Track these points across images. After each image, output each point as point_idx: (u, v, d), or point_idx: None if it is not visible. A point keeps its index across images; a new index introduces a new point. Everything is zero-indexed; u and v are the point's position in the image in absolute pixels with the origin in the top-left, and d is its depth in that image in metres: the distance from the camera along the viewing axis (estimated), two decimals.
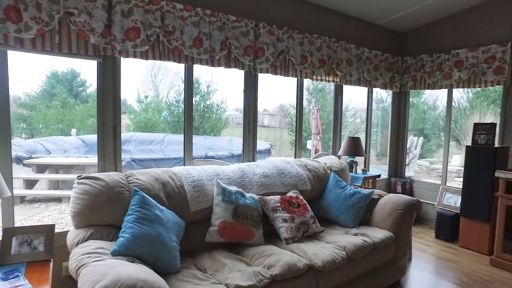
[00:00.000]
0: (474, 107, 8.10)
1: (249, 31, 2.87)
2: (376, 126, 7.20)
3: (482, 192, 3.42)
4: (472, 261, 3.29)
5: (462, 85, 3.80)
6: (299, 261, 2.01)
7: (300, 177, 2.90)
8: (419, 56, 4.20)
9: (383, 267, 2.57)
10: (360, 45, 3.86)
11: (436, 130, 8.63)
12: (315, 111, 7.40)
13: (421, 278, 2.95)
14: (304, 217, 2.51)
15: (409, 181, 4.52)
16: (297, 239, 2.38)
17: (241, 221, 2.26)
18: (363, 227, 2.70)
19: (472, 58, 3.66)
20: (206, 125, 8.42)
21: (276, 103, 9.78)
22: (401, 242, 2.67)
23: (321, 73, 3.43)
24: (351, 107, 8.93)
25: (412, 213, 2.71)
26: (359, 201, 2.77)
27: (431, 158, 8.54)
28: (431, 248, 3.60)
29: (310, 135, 7.75)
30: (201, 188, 2.34)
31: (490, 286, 2.83)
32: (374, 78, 4.02)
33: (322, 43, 3.41)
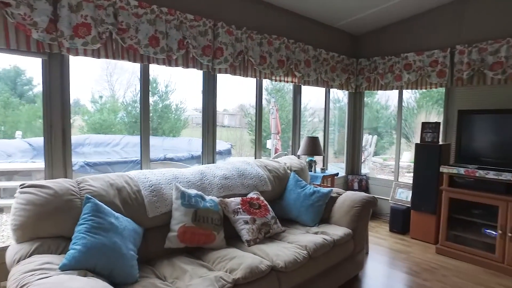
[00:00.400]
0: (421, 106, 8.67)
1: (208, 30, 2.82)
2: (333, 125, 7.45)
3: (429, 187, 3.67)
4: (421, 251, 3.51)
5: (411, 86, 4.03)
6: (261, 263, 2.01)
7: (261, 178, 2.91)
8: (372, 58, 4.40)
9: (343, 263, 2.66)
10: (318, 46, 3.96)
11: (388, 128, 9.11)
12: (274, 111, 7.50)
13: (377, 270, 3.10)
14: (265, 218, 2.52)
15: (365, 178, 4.72)
16: (259, 240, 2.38)
17: (202, 225, 2.21)
18: (323, 225, 2.77)
19: (419, 62, 3.90)
20: (164, 125, 8.18)
21: (236, 103, 9.76)
22: (358, 238, 2.78)
23: (280, 74, 3.47)
24: (310, 107, 9.16)
25: (368, 210, 2.83)
26: (318, 200, 2.84)
27: (384, 155, 9.01)
28: (386, 241, 3.78)
29: (270, 134, 7.84)
30: (159, 192, 2.26)
31: (436, 272, 3.05)
32: (331, 79, 4.14)
33: (280, 44, 3.44)
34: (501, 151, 3.26)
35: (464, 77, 3.54)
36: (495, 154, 3.30)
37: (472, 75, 3.52)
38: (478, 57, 3.46)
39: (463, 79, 3.55)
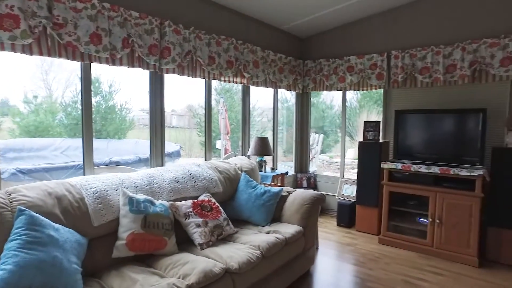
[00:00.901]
0: (362, 106, 9.23)
1: (154, 29, 2.72)
2: (282, 124, 7.64)
3: (372, 182, 3.92)
4: (366, 242, 3.75)
5: (354, 87, 4.27)
6: (215, 266, 1.99)
7: (212, 179, 2.88)
8: (318, 60, 4.58)
9: (295, 260, 2.73)
10: (266, 47, 4.02)
11: (333, 127, 9.56)
12: (223, 111, 7.46)
13: (327, 264, 3.24)
14: (217, 220, 2.50)
15: (313, 176, 4.91)
16: (211, 243, 2.36)
17: (152, 231, 2.13)
18: (275, 224, 2.83)
19: (360, 64, 4.15)
20: (109, 127, 7.72)
21: (185, 103, 9.53)
22: (309, 234, 2.88)
23: (229, 75, 3.46)
24: (258, 107, 9.28)
25: (317, 206, 2.94)
26: (269, 199, 2.89)
27: (330, 152, 9.44)
28: (334, 236, 3.97)
29: (219, 135, 7.79)
30: (105, 199, 2.13)
31: (379, 261, 3.27)
32: (279, 80, 4.23)
33: (229, 45, 3.44)
34: (430, 147, 3.60)
35: (399, 80, 3.85)
36: (426, 149, 3.63)
37: (406, 78, 3.84)
38: (410, 62, 3.78)
39: (398, 81, 3.86)
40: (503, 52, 3.27)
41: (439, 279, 2.92)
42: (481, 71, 3.41)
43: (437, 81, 3.62)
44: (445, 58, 3.57)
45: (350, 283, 2.86)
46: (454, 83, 3.55)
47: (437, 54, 3.61)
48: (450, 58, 3.55)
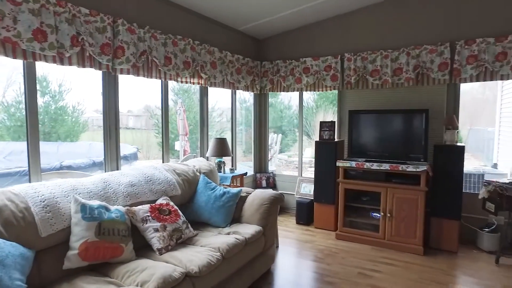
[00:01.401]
0: (319, 106, 9.54)
1: (106, 27, 2.60)
2: (241, 124, 7.67)
3: (328, 180, 4.07)
4: (324, 238, 3.88)
5: (310, 88, 4.41)
6: (174, 271, 1.95)
7: (170, 182, 2.82)
8: (275, 62, 4.66)
9: (255, 259, 2.76)
10: (223, 48, 4.01)
11: (291, 127, 9.76)
12: (181, 112, 7.32)
13: (287, 261, 3.31)
14: (176, 223, 2.45)
15: (272, 175, 4.99)
16: (170, 247, 2.31)
17: (107, 238, 2.04)
18: (235, 225, 2.84)
19: (315, 66, 4.29)
20: (60, 129, 7.23)
21: (142, 104, 9.21)
22: (269, 234, 2.92)
23: (186, 75, 3.41)
24: (218, 107, 9.23)
25: (276, 206, 2.99)
26: (229, 201, 2.89)
27: (289, 152, 9.64)
28: (294, 233, 4.07)
29: (178, 136, 7.63)
30: (54, 207, 2.01)
31: (336, 256, 3.40)
32: (237, 81, 4.25)
33: (186, 45, 3.39)
34: (381, 145, 3.82)
35: (352, 81, 4.03)
36: (377, 148, 3.84)
37: (358, 80, 4.04)
38: (361, 64, 3.97)
39: (351, 83, 4.04)
40: (440, 58, 3.56)
41: (390, 269, 3.11)
42: (423, 75, 3.69)
43: (386, 83, 3.85)
44: (393, 61, 3.80)
45: (309, 279, 2.95)
46: (401, 85, 3.80)
47: (386, 57, 3.84)
48: (397, 62, 3.79)
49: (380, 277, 2.94)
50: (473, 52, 3.41)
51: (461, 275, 3.01)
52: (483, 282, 2.88)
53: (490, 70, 3.37)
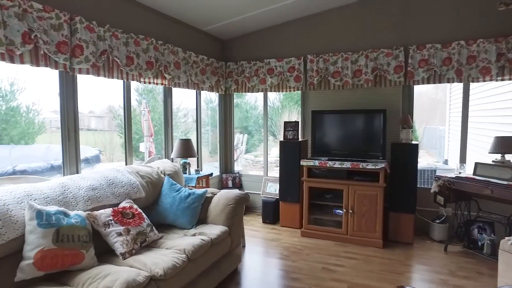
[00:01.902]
0: (284, 106, 9.69)
1: (63, 24, 2.49)
2: (207, 125, 7.63)
3: (293, 179, 4.16)
4: (290, 236, 3.97)
5: (274, 89, 4.48)
6: (138, 275, 1.92)
7: (133, 185, 2.76)
8: (240, 62, 4.69)
9: (222, 259, 2.77)
10: (187, 49, 3.98)
11: (257, 127, 9.85)
12: (146, 113, 7.14)
13: (254, 260, 3.35)
14: (140, 226, 2.41)
15: (238, 176, 5.01)
16: (135, 251, 2.26)
17: (66, 245, 1.96)
18: (201, 226, 2.83)
19: (279, 67, 4.37)
20: (12, 131, 6.78)
21: (105, 104, 8.85)
22: (235, 234, 2.94)
23: (149, 76, 3.34)
24: (183, 107, 9.10)
25: (242, 206, 3.02)
26: (194, 202, 2.87)
27: (255, 152, 9.71)
28: (260, 232, 4.12)
29: (142, 137, 7.43)
30: (5, 215, 1.89)
31: (301, 252, 3.50)
32: (202, 81, 4.23)
33: (148, 45, 3.32)
34: (343, 144, 3.97)
35: (315, 82, 4.16)
36: (339, 147, 3.99)
37: (320, 81, 4.17)
38: (323, 66, 4.11)
39: (314, 84, 4.17)
40: (395, 61, 3.77)
41: (352, 263, 3.25)
42: (381, 77, 3.88)
43: (347, 84, 4.01)
44: (353, 63, 3.97)
45: (275, 277, 3.01)
46: (361, 86, 3.97)
47: (346, 59, 4.00)
48: (357, 64, 3.96)
49: (343, 271, 3.07)
50: (424, 56, 3.65)
51: (415, 264, 3.22)
52: (434, 269, 3.10)
53: (439, 74, 3.63)
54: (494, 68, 3.37)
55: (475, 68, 3.47)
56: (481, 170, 3.24)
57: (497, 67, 3.37)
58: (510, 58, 3.33)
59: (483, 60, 3.42)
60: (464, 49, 3.50)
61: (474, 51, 3.46)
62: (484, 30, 3.48)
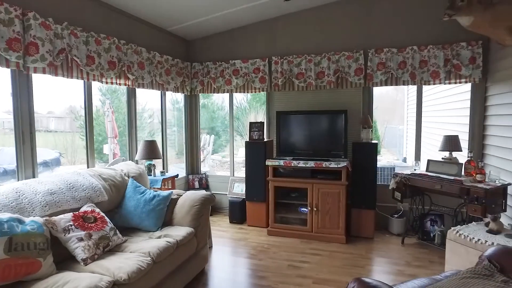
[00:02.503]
0: (251, 107, 9.76)
1: (13, 20, 2.36)
2: (174, 126, 7.51)
3: (259, 178, 4.22)
4: (257, 235, 4.02)
5: (240, 90, 4.52)
6: (101, 280, 1.87)
7: (95, 188, 2.68)
8: (205, 63, 4.68)
9: (188, 261, 2.76)
10: (151, 49, 3.91)
11: (224, 127, 9.84)
12: (110, 113, 6.90)
13: (221, 261, 3.36)
14: (103, 231, 2.35)
15: (205, 176, 5.00)
16: (97, 256, 2.21)
17: (21, 254, 1.87)
18: (166, 228, 2.80)
19: (245, 68, 4.41)
20: None
21: (65, 104, 8.44)
22: (201, 235, 2.94)
23: (111, 76, 3.26)
24: (149, 108, 8.88)
25: (207, 206, 3.02)
26: (159, 204, 2.84)
27: (223, 152, 9.69)
28: (227, 233, 4.14)
29: (106, 138, 7.18)
30: None
31: (268, 251, 3.56)
32: (166, 82, 4.17)
33: (111, 44, 3.23)
34: (307, 144, 4.09)
35: (279, 83, 4.24)
36: (304, 146, 4.10)
37: (285, 82, 4.26)
38: (288, 67, 4.21)
39: (279, 85, 4.25)
40: (356, 63, 3.94)
41: (317, 259, 3.36)
42: (342, 79, 4.04)
43: (310, 86, 4.13)
44: (316, 65, 4.10)
45: (243, 276, 3.05)
46: (323, 87, 4.11)
47: (310, 61, 4.12)
48: (320, 66, 4.09)
49: (308, 267, 3.16)
50: (382, 60, 3.85)
51: (375, 257, 3.39)
52: (392, 261, 3.29)
53: (395, 76, 3.84)
54: (442, 72, 3.63)
55: (427, 72, 3.71)
56: (433, 167, 3.47)
57: (444, 71, 3.64)
58: (455, 64, 3.61)
59: (433, 64, 3.67)
60: (417, 54, 3.73)
61: (426, 56, 3.70)
62: (433, 37, 3.73)
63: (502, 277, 1.51)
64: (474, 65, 3.56)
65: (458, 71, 3.61)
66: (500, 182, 2.99)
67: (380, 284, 1.48)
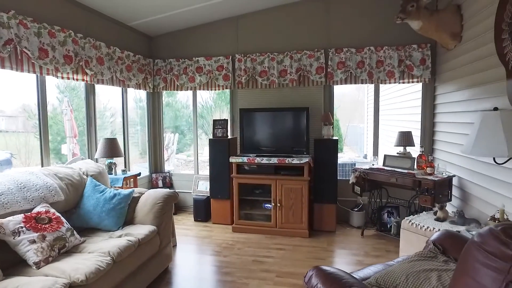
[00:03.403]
0: (217, 105, 9.72)
1: None
2: (137, 124, 7.29)
3: (223, 176, 4.23)
4: (222, 233, 4.03)
5: (203, 87, 4.49)
6: (55, 283, 1.80)
7: (50, 188, 2.56)
8: (168, 60, 4.60)
9: (151, 260, 2.72)
10: (111, 44, 3.79)
11: (190, 126, 9.72)
12: (68, 112, 6.58)
13: (186, 259, 3.34)
14: (58, 231, 2.25)
15: (169, 175, 4.92)
16: (52, 259, 2.11)
17: None
18: (128, 227, 2.73)
19: (208, 66, 4.40)
20: None
21: (18, 103, 7.92)
22: (164, 233, 2.90)
23: (67, 71, 3.12)
24: (111, 107, 8.55)
25: (170, 204, 2.99)
26: (120, 202, 2.77)
27: (188, 151, 9.57)
28: (192, 231, 4.11)
29: (65, 138, 6.83)
30: None
31: (233, 247, 3.58)
32: (128, 78, 4.06)
33: (66, 37, 3.09)
34: (270, 141, 4.16)
35: (243, 81, 4.28)
36: (267, 143, 4.16)
37: (248, 80, 4.30)
38: (251, 65, 4.25)
39: (242, 82, 4.29)
40: (317, 62, 4.07)
41: (281, 253, 3.43)
42: (304, 77, 4.15)
43: (273, 84, 4.20)
44: (279, 64, 4.17)
45: (207, 273, 3.05)
46: (286, 85, 4.20)
47: (272, 60, 4.19)
48: (282, 64, 4.17)
49: (272, 262, 3.22)
50: (341, 59, 4.00)
51: (337, 249, 3.52)
52: (352, 252, 3.43)
53: (354, 75, 4.01)
54: (397, 72, 3.85)
55: (383, 71, 3.91)
56: (389, 161, 3.67)
57: (399, 71, 3.85)
58: (408, 64, 3.84)
59: (389, 64, 3.88)
60: (374, 54, 3.92)
61: (382, 56, 3.90)
62: (388, 39, 3.94)
63: (443, 257, 1.64)
64: (424, 66, 3.80)
65: (411, 71, 3.83)
66: (446, 174, 3.22)
67: (337, 270, 1.56)
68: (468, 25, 3.02)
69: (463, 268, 0.93)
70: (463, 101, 3.10)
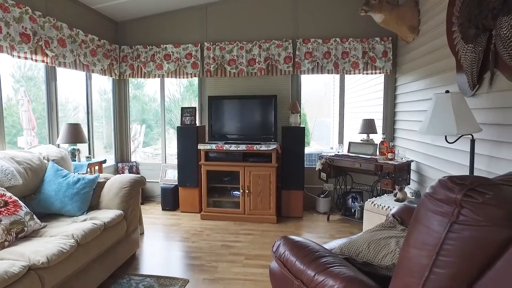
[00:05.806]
0: (185, 98, 9.58)
1: None
2: (102, 117, 7.02)
3: (191, 164, 4.20)
4: (190, 220, 4.02)
5: (171, 75, 4.43)
6: (12, 265, 1.71)
7: (6, 171, 2.42)
8: (135, 47, 4.48)
9: (118, 245, 2.66)
10: (74, 26, 3.63)
11: (157, 120, 9.51)
12: (25, 102, 6.21)
13: (153, 245, 3.29)
14: (15, 215, 2.14)
15: (135, 164, 4.81)
16: (8, 243, 2.01)
17: None
18: (92, 212, 2.66)
19: (176, 53, 4.34)
20: None
21: None
22: (131, 217, 2.84)
23: (24, 50, 2.95)
24: (73, 99, 8.17)
25: (138, 188, 2.92)
26: (84, 187, 2.68)
27: (155, 145, 9.36)
28: (160, 220, 4.05)
29: (22, 131, 6.45)
30: None
31: (201, 234, 3.59)
32: (92, 63, 3.92)
33: (22, 14, 2.92)
34: (239, 128, 4.19)
35: (211, 69, 4.27)
36: (236, 131, 4.19)
37: (217, 68, 4.30)
38: (220, 54, 4.25)
39: (211, 70, 4.28)
40: (285, 52, 4.15)
41: (249, 238, 3.48)
42: (273, 66, 4.22)
43: (242, 72, 4.23)
44: (247, 53, 4.20)
45: (176, 258, 3.03)
46: (254, 74, 4.24)
47: (241, 49, 4.21)
48: (251, 53, 4.21)
49: (241, 246, 3.27)
50: (309, 49, 4.10)
51: (304, 233, 3.63)
52: (318, 235, 3.56)
53: (321, 65, 4.13)
54: (361, 63, 4.01)
55: (348, 62, 4.06)
56: (353, 148, 3.83)
57: (363, 62, 4.02)
58: (371, 56, 4.02)
59: (353, 56, 4.03)
60: (339, 45, 4.05)
61: (347, 47, 4.04)
62: (353, 31, 4.09)
63: (402, 227, 1.76)
64: (386, 58, 3.99)
65: (374, 63, 4.01)
66: (405, 159, 3.43)
67: (303, 239, 1.62)
68: (425, 19, 3.22)
69: (416, 218, 1.01)
70: (420, 90, 3.31)
